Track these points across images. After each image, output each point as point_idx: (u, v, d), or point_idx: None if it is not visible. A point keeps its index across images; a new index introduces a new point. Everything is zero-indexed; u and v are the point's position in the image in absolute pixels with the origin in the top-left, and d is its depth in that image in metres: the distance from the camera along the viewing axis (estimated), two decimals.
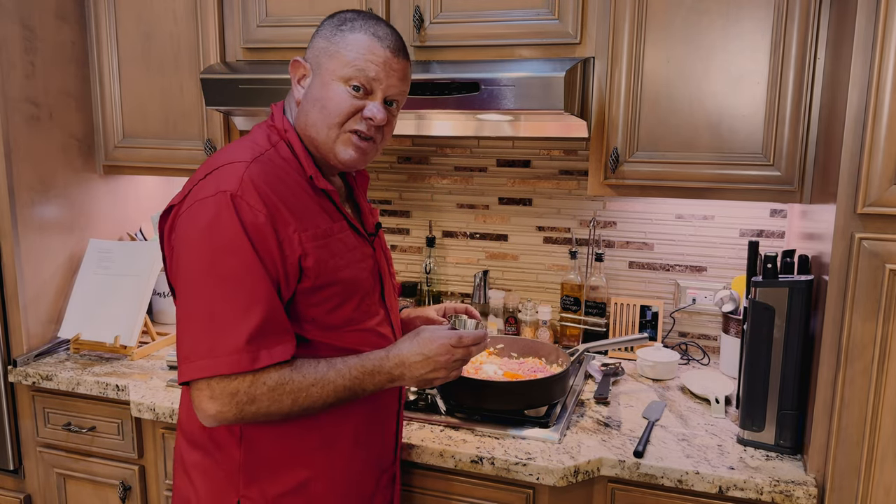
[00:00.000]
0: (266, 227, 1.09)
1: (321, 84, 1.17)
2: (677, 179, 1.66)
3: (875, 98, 1.22)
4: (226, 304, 1.07)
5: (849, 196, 1.27)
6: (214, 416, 1.09)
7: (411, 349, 1.21)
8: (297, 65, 1.21)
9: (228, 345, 1.06)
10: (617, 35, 1.64)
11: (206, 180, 1.12)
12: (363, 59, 1.16)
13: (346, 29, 1.18)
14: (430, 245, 2.23)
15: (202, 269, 1.08)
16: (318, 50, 1.19)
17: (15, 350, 1.95)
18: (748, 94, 1.57)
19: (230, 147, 1.20)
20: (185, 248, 1.10)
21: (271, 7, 1.90)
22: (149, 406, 1.72)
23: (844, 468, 1.32)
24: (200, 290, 1.08)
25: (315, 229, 1.16)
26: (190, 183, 1.16)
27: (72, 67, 2.06)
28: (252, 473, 1.20)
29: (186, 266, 1.10)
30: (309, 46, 1.22)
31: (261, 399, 1.09)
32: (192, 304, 1.09)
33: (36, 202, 1.96)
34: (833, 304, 1.31)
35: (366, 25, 1.18)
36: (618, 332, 2.06)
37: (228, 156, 1.15)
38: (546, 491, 1.47)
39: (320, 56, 1.18)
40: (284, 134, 1.21)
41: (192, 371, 1.07)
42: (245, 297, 1.07)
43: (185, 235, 1.10)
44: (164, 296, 2.26)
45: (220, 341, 1.06)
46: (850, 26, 1.28)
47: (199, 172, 1.16)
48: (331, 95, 1.17)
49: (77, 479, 1.94)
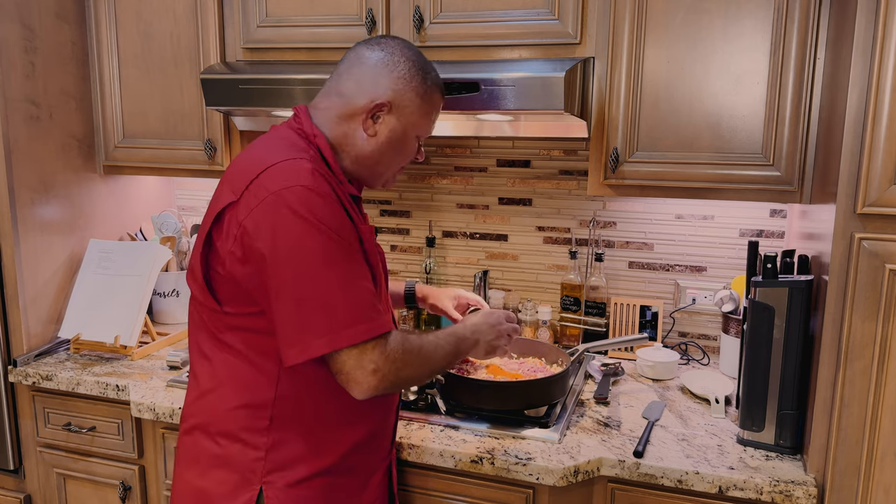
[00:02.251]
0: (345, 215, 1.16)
1: (403, 133, 1.27)
2: (677, 179, 1.66)
3: (875, 98, 1.22)
4: (334, 280, 1.11)
5: (848, 196, 1.27)
6: (376, 387, 1.13)
7: (478, 319, 1.40)
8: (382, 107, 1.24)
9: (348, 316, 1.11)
10: (617, 35, 1.64)
11: (268, 175, 1.13)
12: (436, 119, 1.33)
13: (429, 86, 1.28)
14: (430, 245, 2.23)
15: (302, 252, 1.10)
16: (408, 100, 1.26)
17: (15, 350, 1.95)
18: (748, 94, 1.58)
19: (268, 146, 1.21)
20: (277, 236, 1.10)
21: (271, 7, 1.90)
22: (149, 406, 1.72)
23: (844, 468, 1.32)
24: (305, 272, 1.10)
25: (360, 226, 1.21)
26: (238, 179, 1.16)
27: (72, 67, 2.06)
28: (276, 462, 1.22)
29: (283, 253, 1.10)
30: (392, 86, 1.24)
31: (410, 364, 1.17)
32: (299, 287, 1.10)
33: (36, 202, 1.96)
34: (833, 304, 1.31)
35: (438, 79, 1.31)
36: (618, 332, 2.06)
37: (279, 153, 1.17)
38: (546, 491, 1.47)
39: (412, 109, 1.26)
40: (314, 139, 1.24)
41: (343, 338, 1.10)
42: (348, 273, 1.13)
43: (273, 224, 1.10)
44: (164, 296, 2.26)
45: (339, 314, 1.10)
46: (850, 26, 1.28)
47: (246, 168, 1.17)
48: (408, 145, 1.30)
49: (77, 479, 1.94)
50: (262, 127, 2.03)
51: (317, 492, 1.24)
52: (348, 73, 1.25)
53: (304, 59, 1.91)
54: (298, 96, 1.73)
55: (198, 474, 1.27)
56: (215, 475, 1.24)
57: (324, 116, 1.26)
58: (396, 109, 1.25)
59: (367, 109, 1.23)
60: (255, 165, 1.16)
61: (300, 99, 1.73)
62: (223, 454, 1.24)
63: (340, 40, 1.84)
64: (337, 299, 1.11)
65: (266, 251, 1.11)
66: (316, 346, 1.10)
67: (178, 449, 1.32)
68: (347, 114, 1.24)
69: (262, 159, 1.17)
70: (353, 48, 1.28)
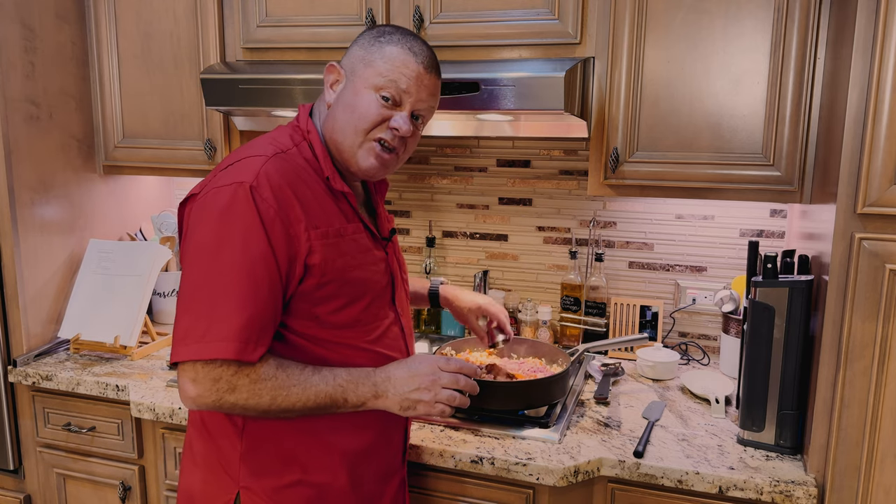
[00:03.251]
0: (276, 222, 1.11)
1: (353, 91, 1.20)
2: (677, 179, 1.66)
3: (875, 98, 1.22)
4: (229, 290, 1.08)
5: (849, 196, 1.27)
6: (194, 399, 1.10)
7: (400, 364, 1.22)
8: (331, 69, 1.23)
9: (222, 331, 1.07)
10: (617, 35, 1.64)
11: (225, 171, 1.15)
12: (396, 70, 1.18)
13: (383, 41, 1.21)
14: (430, 245, 2.23)
15: (211, 253, 1.10)
16: (354, 57, 1.22)
17: (15, 350, 1.95)
18: (748, 94, 1.57)
19: (253, 143, 1.22)
20: (197, 232, 1.12)
21: (271, 7, 1.90)
22: (149, 406, 1.72)
23: (844, 468, 1.32)
24: (206, 274, 1.10)
25: (327, 227, 1.18)
26: (210, 174, 1.19)
27: (72, 67, 2.06)
28: (252, 466, 1.21)
29: (195, 248, 1.11)
30: (346, 54, 1.24)
31: (241, 390, 1.10)
32: (196, 287, 1.10)
33: (36, 202, 1.96)
34: (833, 304, 1.31)
35: (403, 39, 1.21)
36: (618, 332, 2.06)
37: (250, 150, 1.18)
38: (546, 491, 1.47)
39: (355, 63, 1.21)
40: (307, 135, 1.23)
41: (184, 353, 1.09)
42: (249, 287, 1.09)
43: (198, 219, 1.12)
44: (164, 296, 2.26)
45: (216, 326, 1.08)
46: (850, 26, 1.28)
47: (219, 166, 1.20)
48: (361, 102, 1.19)
49: (77, 479, 1.94)
50: (262, 127, 2.03)
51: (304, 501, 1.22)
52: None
53: (305, 59, 1.91)
54: (298, 96, 1.73)
55: (188, 470, 1.29)
56: (200, 474, 1.25)
57: (321, 110, 1.26)
58: (349, 73, 1.22)
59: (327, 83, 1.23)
60: (224, 163, 1.19)
61: (300, 99, 1.73)
62: (206, 453, 1.24)
63: (340, 40, 1.84)
64: (194, 310, 1.09)
65: (184, 244, 1.15)
66: (190, 350, 1.08)
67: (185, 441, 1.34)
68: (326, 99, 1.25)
69: (234, 156, 1.19)
70: None
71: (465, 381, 1.23)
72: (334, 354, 1.21)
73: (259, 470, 1.21)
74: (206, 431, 1.25)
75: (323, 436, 1.23)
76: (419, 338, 2.14)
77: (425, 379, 1.19)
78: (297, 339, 1.19)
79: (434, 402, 1.20)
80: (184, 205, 1.20)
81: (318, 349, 1.20)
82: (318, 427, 1.22)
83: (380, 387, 1.19)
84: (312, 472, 1.22)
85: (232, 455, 1.21)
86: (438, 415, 1.21)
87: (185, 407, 1.13)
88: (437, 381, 1.20)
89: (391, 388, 1.19)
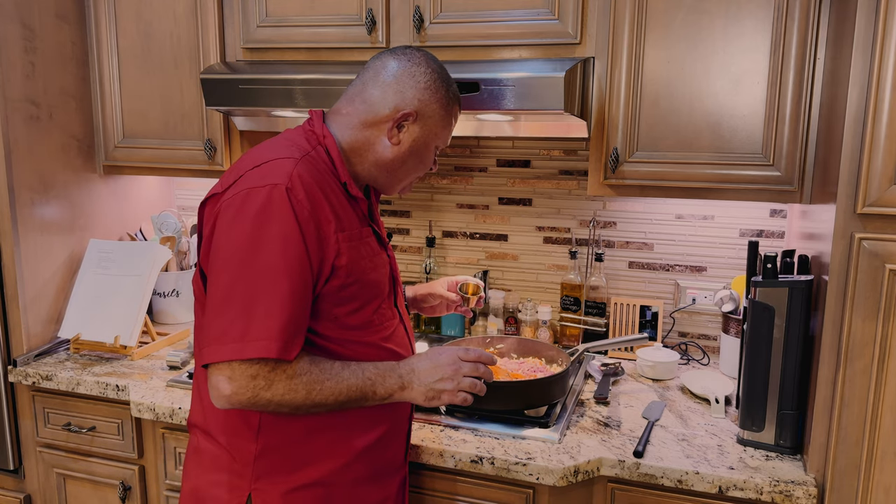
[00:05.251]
0: (311, 223, 1.13)
1: (425, 143, 1.28)
2: (677, 179, 1.66)
3: (875, 98, 1.22)
4: (269, 291, 1.09)
5: (849, 196, 1.27)
6: (228, 398, 1.10)
7: (422, 357, 1.27)
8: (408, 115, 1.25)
9: (263, 331, 1.08)
10: (617, 35, 1.64)
11: (253, 172, 1.15)
12: (452, 131, 1.33)
13: (451, 98, 1.29)
14: (430, 245, 2.23)
15: (247, 254, 1.10)
16: (433, 111, 1.27)
17: (15, 350, 1.95)
18: (748, 93, 1.57)
19: (272, 145, 1.22)
20: (231, 233, 1.11)
21: (271, 7, 1.90)
22: (149, 406, 1.72)
23: (844, 468, 1.32)
24: (242, 275, 1.10)
25: (351, 230, 1.21)
26: (232, 174, 1.18)
27: (72, 67, 2.06)
28: (265, 467, 1.21)
29: (230, 249, 1.11)
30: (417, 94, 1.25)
31: (277, 386, 1.11)
32: (232, 288, 1.10)
33: (36, 202, 1.96)
34: (833, 304, 1.31)
35: (458, 94, 1.32)
36: (618, 332, 2.06)
37: (273, 152, 1.19)
38: (546, 491, 1.47)
39: (434, 119, 1.27)
40: (323, 140, 1.25)
41: (222, 353, 1.08)
42: (288, 287, 1.10)
43: (230, 220, 1.12)
44: (164, 296, 2.26)
45: (255, 326, 1.08)
46: (850, 26, 1.28)
47: (242, 166, 1.19)
48: (428, 155, 1.31)
49: (77, 479, 1.94)
50: (262, 127, 2.03)
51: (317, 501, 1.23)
52: (374, 81, 1.25)
53: (305, 59, 1.91)
54: (298, 96, 1.73)
55: (194, 472, 1.28)
56: (208, 476, 1.25)
57: (345, 121, 1.26)
58: (421, 119, 1.26)
59: (393, 118, 1.24)
60: (249, 163, 1.18)
61: (300, 99, 1.73)
62: (216, 454, 1.24)
63: (340, 40, 1.84)
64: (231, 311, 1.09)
65: (216, 244, 1.13)
66: (225, 351, 1.09)
67: (188, 443, 1.33)
68: (371, 121, 1.25)
69: (256, 158, 1.18)
70: (379, 57, 1.28)
71: (484, 369, 1.27)
72: (349, 352, 1.23)
73: (272, 471, 1.21)
74: (216, 433, 1.24)
75: (338, 432, 1.24)
76: (419, 337, 2.14)
77: (448, 369, 1.24)
78: (316, 339, 1.20)
79: (457, 390, 1.24)
80: (205, 204, 1.20)
81: (335, 347, 1.22)
82: (335, 423, 1.23)
83: (405, 378, 1.22)
84: (325, 472, 1.23)
85: (245, 456, 1.21)
86: (461, 402, 1.25)
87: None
88: (458, 370, 1.25)
89: (416, 380, 1.23)
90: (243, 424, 1.21)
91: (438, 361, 1.25)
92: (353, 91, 1.28)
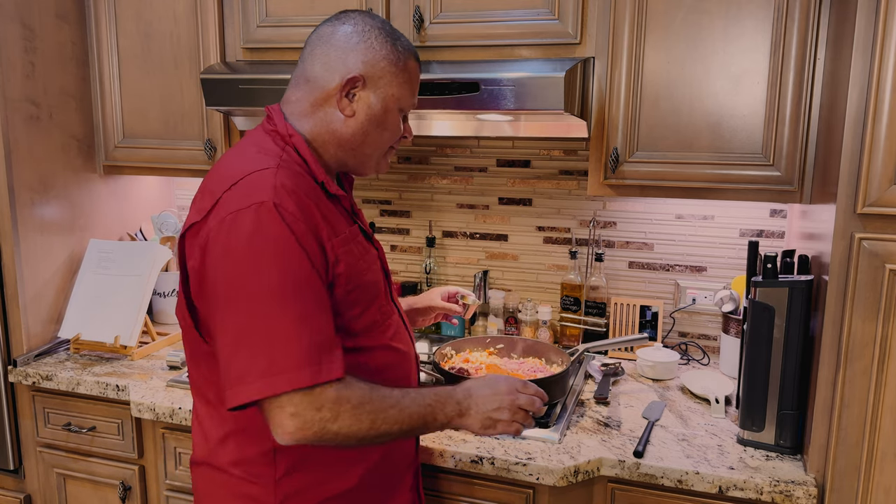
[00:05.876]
0: (309, 235, 1.06)
1: (383, 108, 1.18)
2: (677, 179, 1.66)
3: (875, 98, 1.22)
4: (283, 316, 1.02)
5: (849, 196, 1.27)
6: (293, 434, 1.03)
7: (479, 383, 1.22)
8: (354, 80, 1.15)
9: (288, 361, 1.01)
10: (617, 35, 1.64)
11: (232, 192, 1.05)
12: (416, 88, 1.23)
13: (402, 52, 1.18)
14: (430, 245, 2.23)
15: (251, 282, 1.02)
16: (383, 70, 1.16)
17: (15, 350, 1.95)
18: (748, 94, 1.57)
19: (239, 156, 1.13)
20: (227, 264, 1.03)
21: (271, 7, 1.90)
22: (149, 406, 1.72)
23: (844, 468, 1.32)
24: (249, 307, 1.02)
25: (342, 234, 1.14)
26: (207, 197, 1.09)
27: (72, 67, 2.06)
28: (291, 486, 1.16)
29: (230, 283, 1.03)
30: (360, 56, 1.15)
31: (343, 417, 1.04)
32: (243, 323, 1.02)
33: (36, 202, 1.96)
34: (833, 304, 1.31)
35: (411, 47, 1.21)
36: (618, 332, 2.06)
37: (245, 164, 1.09)
38: (546, 491, 1.47)
39: (385, 77, 1.17)
40: (290, 139, 1.16)
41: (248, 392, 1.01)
42: (301, 308, 1.03)
43: (224, 251, 1.03)
44: (164, 296, 2.26)
45: (278, 359, 1.01)
46: (850, 26, 1.28)
47: (215, 185, 1.09)
48: (391, 120, 1.20)
49: (77, 479, 1.94)
50: None
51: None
52: (312, 55, 1.17)
53: None
54: None
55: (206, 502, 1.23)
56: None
57: (297, 109, 1.17)
58: (371, 83, 1.15)
59: (340, 88, 1.14)
60: (223, 181, 1.08)
61: None
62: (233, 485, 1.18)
63: None
64: (279, 338, 1.01)
65: (213, 278, 1.04)
66: (254, 389, 1.01)
67: (193, 482, 1.26)
68: (320, 98, 1.16)
69: (229, 173, 1.09)
70: (315, 29, 1.20)
71: (539, 405, 1.23)
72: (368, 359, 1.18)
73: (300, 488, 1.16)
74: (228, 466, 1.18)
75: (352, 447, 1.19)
76: (419, 338, 2.14)
77: (506, 398, 1.20)
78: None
79: (512, 421, 1.20)
80: (185, 236, 1.11)
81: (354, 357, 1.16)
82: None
83: (463, 405, 1.17)
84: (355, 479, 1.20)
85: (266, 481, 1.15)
86: (514, 433, 1.22)
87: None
88: (516, 401, 1.20)
89: (473, 406, 1.18)
90: (257, 450, 1.15)
91: (497, 389, 1.20)
92: (297, 73, 1.19)
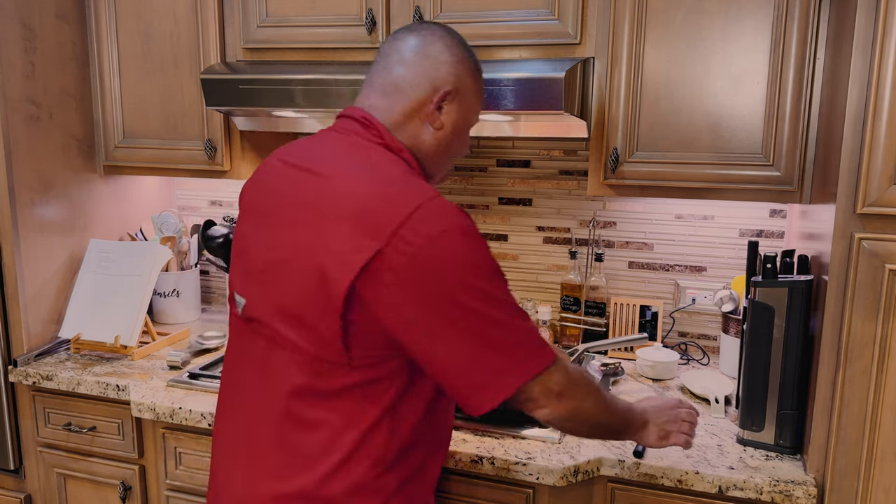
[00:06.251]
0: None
1: (465, 120, 1.21)
2: (677, 179, 1.66)
3: (875, 97, 1.22)
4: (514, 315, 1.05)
5: (848, 196, 1.27)
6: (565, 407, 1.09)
7: (645, 400, 1.32)
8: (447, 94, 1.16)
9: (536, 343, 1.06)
10: (617, 35, 1.64)
11: (419, 219, 0.99)
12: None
13: (479, 67, 1.22)
14: None
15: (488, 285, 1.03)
16: (467, 85, 1.18)
17: (15, 350, 1.95)
18: (748, 93, 1.58)
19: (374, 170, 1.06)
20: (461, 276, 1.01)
21: (271, 7, 1.90)
22: (149, 406, 1.72)
23: (844, 468, 1.32)
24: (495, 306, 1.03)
25: None
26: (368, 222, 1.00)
27: (72, 67, 2.06)
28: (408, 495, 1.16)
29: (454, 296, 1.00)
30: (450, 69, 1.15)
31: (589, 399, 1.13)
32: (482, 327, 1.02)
33: (36, 202, 1.96)
34: (833, 304, 1.31)
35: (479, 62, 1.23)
36: (617, 332, 2.06)
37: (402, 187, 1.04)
38: (546, 491, 1.47)
39: (469, 91, 1.19)
40: (400, 153, 1.13)
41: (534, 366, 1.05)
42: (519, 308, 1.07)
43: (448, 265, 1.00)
44: (164, 296, 2.26)
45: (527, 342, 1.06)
46: (849, 25, 1.28)
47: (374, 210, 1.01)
48: (467, 134, 1.25)
49: (77, 479, 1.94)
50: (262, 127, 2.03)
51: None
52: (401, 64, 1.13)
53: (305, 59, 1.91)
54: (298, 96, 1.73)
55: None
56: None
57: (388, 117, 1.14)
58: (459, 96, 1.16)
59: (433, 100, 1.13)
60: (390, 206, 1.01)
61: (300, 99, 1.73)
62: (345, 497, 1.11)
63: (341, 40, 1.84)
64: (519, 331, 1.05)
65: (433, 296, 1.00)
66: (520, 371, 1.04)
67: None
68: (411, 109, 1.13)
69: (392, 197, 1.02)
70: (396, 38, 1.16)
71: (696, 418, 1.33)
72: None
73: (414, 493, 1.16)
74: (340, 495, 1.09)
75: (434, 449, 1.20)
76: None
77: (671, 412, 1.30)
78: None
79: (680, 432, 1.30)
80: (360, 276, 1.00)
81: None
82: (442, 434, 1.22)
83: (643, 416, 1.27)
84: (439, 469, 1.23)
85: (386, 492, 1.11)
86: (683, 444, 1.30)
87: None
88: (678, 414, 1.31)
89: (651, 419, 1.28)
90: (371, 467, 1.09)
91: (662, 404, 1.31)
92: (379, 80, 1.15)
